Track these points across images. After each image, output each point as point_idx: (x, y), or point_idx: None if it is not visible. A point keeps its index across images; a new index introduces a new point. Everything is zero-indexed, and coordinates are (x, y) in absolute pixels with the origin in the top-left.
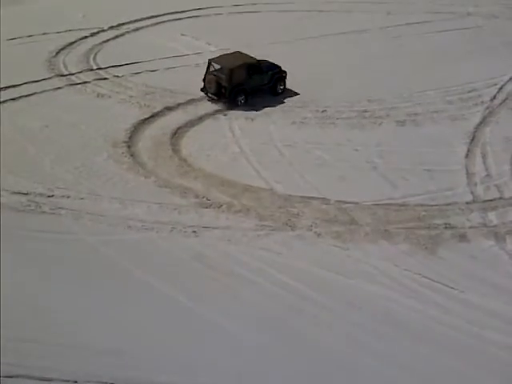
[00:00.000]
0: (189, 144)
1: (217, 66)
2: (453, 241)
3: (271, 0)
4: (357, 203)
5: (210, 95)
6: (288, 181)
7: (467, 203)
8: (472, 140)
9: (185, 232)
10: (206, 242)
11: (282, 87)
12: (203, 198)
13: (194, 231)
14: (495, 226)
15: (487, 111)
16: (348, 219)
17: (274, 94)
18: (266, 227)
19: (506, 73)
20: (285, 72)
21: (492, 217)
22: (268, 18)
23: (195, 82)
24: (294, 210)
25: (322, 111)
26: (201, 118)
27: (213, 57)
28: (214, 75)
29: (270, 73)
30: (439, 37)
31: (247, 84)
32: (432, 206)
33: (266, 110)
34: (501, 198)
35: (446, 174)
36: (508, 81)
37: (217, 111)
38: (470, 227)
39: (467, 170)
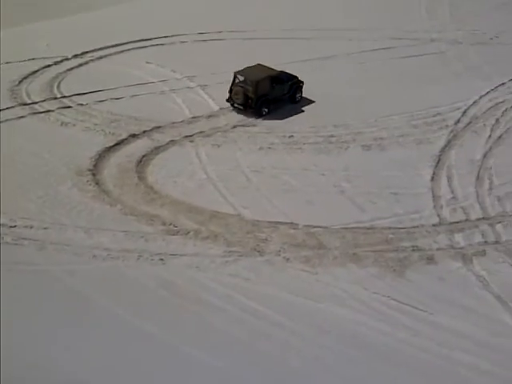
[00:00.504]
0: (155, 171)
1: (242, 78)
2: (420, 263)
3: (236, 28)
4: (325, 227)
5: (236, 105)
6: (256, 206)
7: (434, 225)
8: (437, 163)
9: (152, 260)
10: (174, 269)
11: (299, 96)
12: (170, 225)
13: (161, 259)
14: (462, 247)
15: (452, 134)
16: (316, 243)
17: (293, 102)
18: (234, 253)
19: (469, 97)
20: (302, 82)
21: (459, 238)
22: (233, 45)
23: (160, 109)
24: (262, 235)
25: (289, 137)
26: (167, 145)
27: (238, 70)
28: (241, 87)
29: (290, 83)
30: (404, 62)
31: (270, 95)
32: (399, 228)
33: (233, 135)
34: (467, 220)
35: (412, 197)
36: (471, 105)
37: (183, 138)
38: (438, 249)
39: (433, 193)
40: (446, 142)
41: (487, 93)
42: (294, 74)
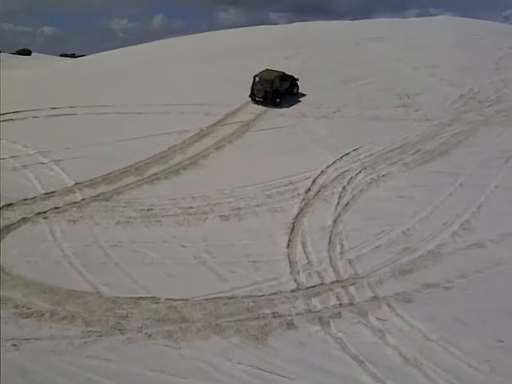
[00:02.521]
0: (6, 251)
1: (258, 79)
2: (281, 329)
3: (89, 103)
4: (187, 299)
5: (257, 99)
6: (115, 282)
7: (292, 291)
8: (292, 230)
9: (4, 346)
10: (28, 355)
11: (296, 90)
12: (23, 307)
13: (14, 344)
14: (319, 311)
15: (303, 203)
16: (179, 317)
17: (292, 94)
18: (94, 333)
19: (317, 167)
20: (297, 79)
21: (316, 302)
22: (86, 120)
23: (12, 185)
24: (123, 312)
25: (147, 210)
26: (18, 223)
27: (256, 73)
28: (261, 85)
29: (290, 80)
30: (256, 135)
31: (280, 89)
32: (259, 296)
33: (89, 210)
34: (322, 284)
35: (270, 265)
36: (320, 174)
37: (36, 215)
38: (297, 314)
39: (290, 259)
40: (298, 210)
41: (333, 162)
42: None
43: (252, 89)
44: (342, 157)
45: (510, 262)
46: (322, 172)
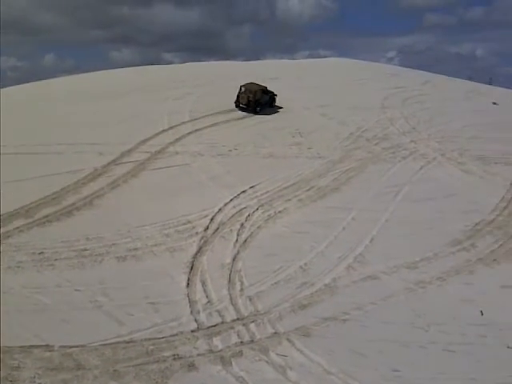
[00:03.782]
0: None
1: (243, 90)
2: (182, 371)
3: None
4: (83, 346)
5: (241, 105)
6: (5, 331)
7: (192, 331)
8: (191, 269)
9: None
10: None
11: (274, 103)
12: None
13: None
14: (220, 350)
15: (202, 241)
16: (74, 364)
17: (271, 106)
18: None
19: (215, 205)
20: (276, 94)
21: (217, 342)
22: None
23: None
24: (14, 362)
25: (39, 253)
26: None
27: (242, 84)
28: (245, 94)
29: (270, 94)
30: (152, 175)
31: (262, 100)
32: (159, 338)
33: None
34: (223, 323)
35: (170, 306)
36: (218, 212)
37: None
38: (198, 355)
39: (189, 299)
40: (197, 249)
41: (231, 200)
42: None
43: (238, 97)
44: (239, 194)
45: (402, 293)
46: (220, 210)
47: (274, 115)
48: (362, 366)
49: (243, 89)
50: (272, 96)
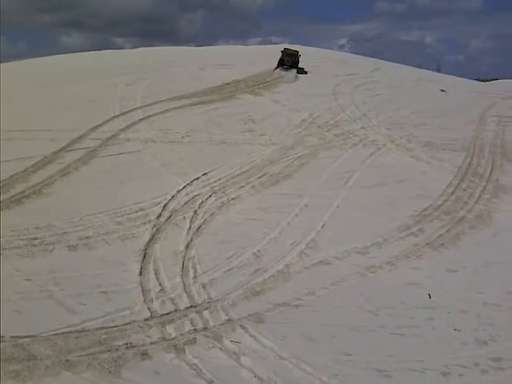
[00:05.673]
0: None
1: (287, 54)
2: (135, 360)
3: None
4: (34, 336)
5: (285, 66)
6: None
7: (145, 320)
8: (144, 257)
9: None
10: None
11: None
12: None
13: None
14: (174, 338)
15: (155, 229)
16: (26, 355)
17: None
18: None
19: (168, 192)
20: (300, 55)
21: (170, 330)
22: None
23: None
24: None
25: None
26: None
27: (283, 49)
28: (290, 58)
29: (299, 56)
30: (103, 162)
31: (298, 61)
32: (112, 327)
33: None
34: (176, 310)
35: (122, 294)
36: (170, 199)
37: None
38: (151, 343)
39: (142, 287)
40: (150, 237)
41: (184, 187)
42: None
43: (282, 60)
44: (191, 181)
45: (352, 277)
46: (173, 197)
47: (225, 102)
48: (315, 350)
49: (286, 54)
50: (299, 57)
